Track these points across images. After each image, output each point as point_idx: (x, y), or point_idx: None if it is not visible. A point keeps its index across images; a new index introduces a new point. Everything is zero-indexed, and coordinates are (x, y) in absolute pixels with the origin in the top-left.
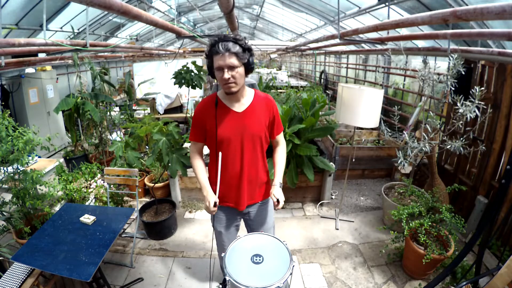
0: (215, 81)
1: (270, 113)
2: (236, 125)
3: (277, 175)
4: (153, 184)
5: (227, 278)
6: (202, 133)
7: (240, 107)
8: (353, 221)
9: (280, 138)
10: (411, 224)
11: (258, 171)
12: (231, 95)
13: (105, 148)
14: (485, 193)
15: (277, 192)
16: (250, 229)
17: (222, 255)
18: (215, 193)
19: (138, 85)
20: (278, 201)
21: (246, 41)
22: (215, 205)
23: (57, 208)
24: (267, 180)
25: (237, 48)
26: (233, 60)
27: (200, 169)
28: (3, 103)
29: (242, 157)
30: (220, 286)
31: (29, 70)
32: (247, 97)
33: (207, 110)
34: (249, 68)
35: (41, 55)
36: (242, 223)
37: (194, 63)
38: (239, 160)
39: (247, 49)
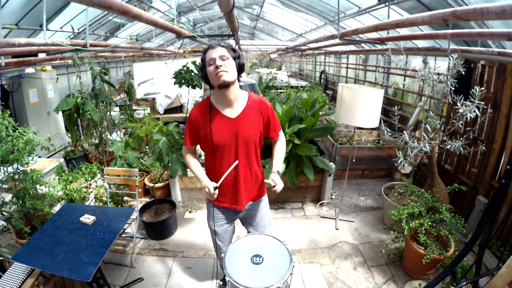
0: None
1: (264, 117)
2: (229, 131)
3: (275, 164)
4: (153, 184)
5: (227, 278)
6: (196, 138)
7: (233, 113)
8: (353, 221)
9: (280, 135)
10: (411, 224)
11: (253, 172)
12: (224, 96)
13: (105, 148)
14: (485, 193)
15: (275, 177)
16: (247, 225)
17: (222, 255)
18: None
19: (138, 85)
20: (276, 189)
21: (235, 47)
22: (215, 189)
23: (57, 208)
24: (262, 178)
25: (227, 45)
26: (224, 51)
27: (194, 164)
28: (3, 103)
29: (236, 160)
30: (221, 282)
31: (29, 70)
32: (241, 102)
33: (201, 115)
34: (240, 66)
35: (41, 55)
36: (238, 223)
37: (194, 63)
38: (233, 163)
39: (236, 51)
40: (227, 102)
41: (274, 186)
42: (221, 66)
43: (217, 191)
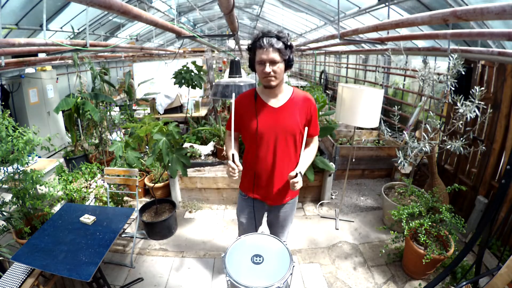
0: (215, 80)
1: (307, 112)
2: (271, 120)
3: (300, 164)
4: (153, 184)
5: (227, 278)
6: (237, 125)
7: (277, 102)
8: (353, 221)
9: (314, 139)
10: (411, 224)
11: (291, 167)
12: (269, 90)
13: (105, 148)
14: (485, 193)
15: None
16: (270, 225)
17: (222, 255)
18: (245, 182)
19: (138, 85)
20: (295, 181)
21: (289, 38)
22: (233, 169)
23: (57, 208)
24: None
25: (280, 44)
26: (275, 55)
27: (228, 143)
28: (3, 103)
29: (274, 152)
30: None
31: (29, 70)
32: (285, 94)
33: (246, 104)
34: (289, 65)
35: (41, 55)
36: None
37: (194, 63)
38: (271, 155)
39: (289, 46)
40: (272, 93)
41: (295, 177)
42: (270, 72)
43: (236, 169)
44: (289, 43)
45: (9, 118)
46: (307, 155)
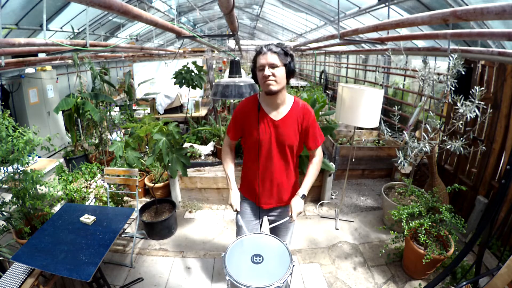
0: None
1: (305, 123)
2: (270, 132)
3: (303, 186)
4: (153, 184)
5: (227, 278)
6: (239, 132)
7: (277, 115)
8: (353, 221)
9: (317, 151)
10: (411, 224)
11: (286, 177)
12: (270, 99)
13: (105, 148)
14: (485, 193)
15: (296, 202)
16: (272, 228)
17: (222, 255)
18: (246, 188)
19: (138, 85)
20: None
21: (290, 48)
22: (237, 212)
23: (57, 208)
24: (297, 187)
25: (279, 49)
26: (274, 58)
27: (229, 163)
28: (3, 103)
29: (272, 162)
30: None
31: (29, 70)
32: (286, 105)
33: (249, 112)
34: (290, 71)
35: (41, 55)
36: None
37: (194, 63)
38: (270, 165)
39: (290, 55)
40: (273, 105)
41: (291, 215)
42: (269, 76)
43: (237, 209)
44: (289, 52)
45: (9, 118)
46: (310, 175)
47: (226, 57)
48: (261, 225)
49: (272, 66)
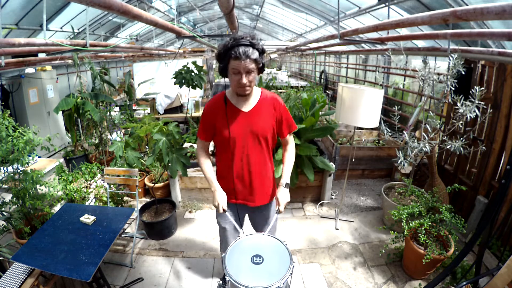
0: (215, 80)
1: (277, 113)
2: (242, 124)
3: (285, 175)
4: (153, 184)
5: (227, 278)
6: (211, 132)
7: (247, 106)
8: (353, 221)
9: (290, 138)
10: (411, 224)
11: (267, 169)
12: (241, 96)
13: (105, 148)
14: (485, 193)
15: (282, 193)
16: (254, 226)
17: (222, 255)
18: (223, 189)
19: (138, 85)
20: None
21: (260, 41)
22: (224, 210)
23: (57, 208)
24: (273, 179)
25: (256, 54)
26: (252, 66)
27: (207, 166)
28: (3, 103)
29: (248, 156)
30: (221, 281)
31: (29, 70)
32: (254, 97)
33: (217, 109)
34: (261, 69)
35: (41, 55)
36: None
37: (194, 63)
38: (246, 158)
39: (262, 51)
40: (242, 99)
41: (279, 206)
42: (245, 83)
43: (225, 208)
44: (262, 50)
45: (9, 118)
46: (288, 162)
47: None
48: (242, 224)
49: (249, 72)
